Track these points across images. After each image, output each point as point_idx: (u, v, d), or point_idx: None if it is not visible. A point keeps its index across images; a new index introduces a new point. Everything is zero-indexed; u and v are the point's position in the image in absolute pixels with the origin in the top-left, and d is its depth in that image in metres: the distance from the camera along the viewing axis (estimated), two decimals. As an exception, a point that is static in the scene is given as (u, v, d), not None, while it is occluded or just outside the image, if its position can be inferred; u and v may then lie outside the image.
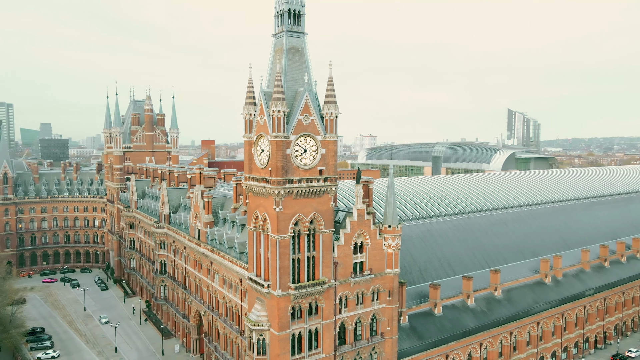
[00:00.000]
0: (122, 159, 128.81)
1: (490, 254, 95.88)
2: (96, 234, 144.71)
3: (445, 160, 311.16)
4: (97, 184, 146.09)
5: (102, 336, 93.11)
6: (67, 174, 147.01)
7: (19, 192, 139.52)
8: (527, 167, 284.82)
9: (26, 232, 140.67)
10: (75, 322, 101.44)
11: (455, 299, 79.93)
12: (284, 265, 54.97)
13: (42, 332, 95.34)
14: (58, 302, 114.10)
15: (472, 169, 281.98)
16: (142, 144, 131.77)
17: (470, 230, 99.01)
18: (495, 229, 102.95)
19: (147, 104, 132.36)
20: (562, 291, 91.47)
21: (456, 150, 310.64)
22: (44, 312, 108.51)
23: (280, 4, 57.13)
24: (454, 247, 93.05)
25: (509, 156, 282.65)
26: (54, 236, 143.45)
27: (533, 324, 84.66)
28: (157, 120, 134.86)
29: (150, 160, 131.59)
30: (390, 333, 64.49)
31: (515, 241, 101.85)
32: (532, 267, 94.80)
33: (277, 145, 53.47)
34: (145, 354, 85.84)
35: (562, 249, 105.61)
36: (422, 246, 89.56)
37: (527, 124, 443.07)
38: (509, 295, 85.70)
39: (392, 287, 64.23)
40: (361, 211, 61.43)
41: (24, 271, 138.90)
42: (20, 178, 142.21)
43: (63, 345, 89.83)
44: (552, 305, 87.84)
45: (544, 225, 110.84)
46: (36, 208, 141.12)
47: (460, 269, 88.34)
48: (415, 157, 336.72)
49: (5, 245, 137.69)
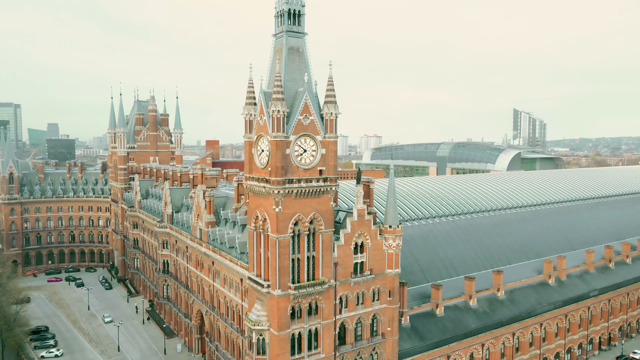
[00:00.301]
0: (126, 159, 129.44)
1: (494, 255, 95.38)
2: (101, 234, 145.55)
3: (450, 161, 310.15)
4: (101, 184, 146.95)
5: (106, 335, 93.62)
6: (72, 174, 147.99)
7: (25, 191, 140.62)
8: (532, 167, 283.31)
9: (32, 232, 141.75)
10: (79, 321, 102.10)
11: (458, 300, 79.58)
12: (283, 265, 54.99)
13: (46, 330, 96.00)
14: (62, 301, 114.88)
15: (477, 169, 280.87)
16: (146, 144, 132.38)
17: (473, 231, 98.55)
18: (499, 229, 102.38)
19: (151, 104, 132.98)
20: (565, 292, 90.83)
21: (461, 151, 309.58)
22: (48, 311, 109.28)
23: (280, 4, 57.16)
24: (456, 247, 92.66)
25: (515, 156, 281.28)
26: (59, 236, 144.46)
27: (536, 325, 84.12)
28: (161, 121, 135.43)
29: (154, 160, 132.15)
30: (391, 333, 64.32)
31: (518, 242, 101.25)
32: (536, 267, 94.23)
33: (277, 145, 53.49)
34: (147, 353, 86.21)
35: (566, 249, 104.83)
36: (424, 246, 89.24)
37: (533, 124, 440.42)
38: (512, 296, 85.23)
39: (392, 288, 64.06)
40: (361, 211, 61.32)
41: (29, 270, 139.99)
42: (26, 178, 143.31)
43: (67, 344, 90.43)
44: (555, 306, 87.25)
45: (548, 226, 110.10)
46: (41, 208, 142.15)
47: (463, 270, 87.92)
48: (420, 157, 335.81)
49: (11, 244, 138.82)
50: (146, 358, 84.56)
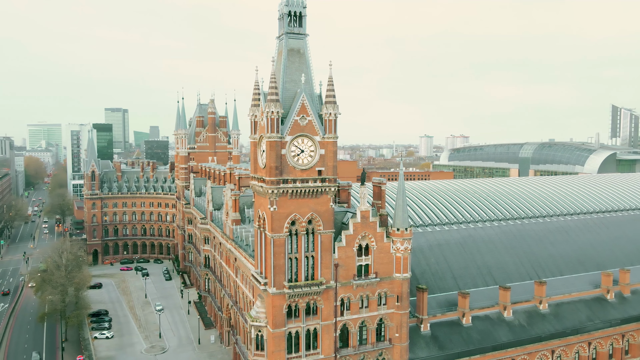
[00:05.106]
0: (187, 159, 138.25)
1: (542, 264, 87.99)
2: (168, 228, 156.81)
3: (534, 162, 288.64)
4: (169, 182, 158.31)
5: (154, 322, 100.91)
6: (145, 172, 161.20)
7: (104, 188, 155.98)
8: (631, 169, 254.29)
9: (110, 224, 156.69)
10: (135, 307, 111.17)
11: (490, 310, 74.94)
12: (278, 264, 55.72)
13: (106, 314, 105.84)
14: (127, 289, 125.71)
15: (563, 172, 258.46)
16: (205, 144, 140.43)
17: (521, 237, 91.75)
18: (553, 237, 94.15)
19: (210, 107, 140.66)
20: (627, 309, 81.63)
21: (546, 151, 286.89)
22: (113, 296, 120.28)
23: (281, 7, 57.98)
24: (498, 254, 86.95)
25: (608, 157, 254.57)
26: (133, 229, 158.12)
27: (583, 344, 76.46)
28: (220, 122, 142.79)
29: (212, 160, 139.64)
30: (399, 340, 62.29)
31: (576, 251, 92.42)
32: (593, 281, 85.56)
33: (271, 145, 54.37)
34: (184, 342, 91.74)
35: (636, 262, 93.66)
36: (460, 252, 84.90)
37: (636, 122, 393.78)
38: (558, 310, 78.33)
39: (401, 292, 61.98)
40: (365, 213, 60.11)
41: (107, 259, 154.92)
42: (106, 176, 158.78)
43: (119, 327, 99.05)
44: (611, 324, 78.65)
45: (617, 235, 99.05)
46: (118, 203, 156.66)
47: (502, 279, 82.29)
48: (500, 159, 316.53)
49: (93, 235, 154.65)
50: (182, 346, 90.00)
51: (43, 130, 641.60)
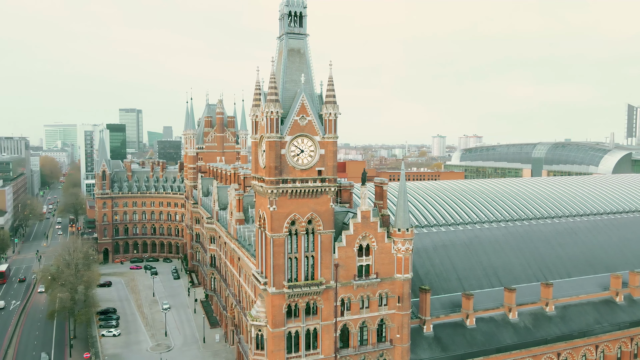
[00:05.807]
0: (195, 159, 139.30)
1: (549, 266, 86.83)
2: (177, 228, 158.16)
3: (547, 162, 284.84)
4: (178, 182, 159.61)
5: (160, 321, 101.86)
6: (155, 172, 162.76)
7: (115, 187, 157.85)
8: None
9: (120, 223, 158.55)
10: (143, 305, 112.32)
11: (494, 312, 74.17)
12: (278, 264, 55.83)
13: (114, 312, 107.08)
14: (136, 287, 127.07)
15: (577, 172, 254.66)
16: (214, 144, 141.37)
17: (528, 239, 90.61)
18: (561, 238, 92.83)
19: (219, 107, 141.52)
20: (636, 312, 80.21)
21: (559, 151, 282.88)
22: (122, 295, 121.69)
23: (282, 7, 58.09)
24: (504, 255, 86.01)
25: (623, 157, 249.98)
26: (143, 228, 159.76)
27: (590, 347, 75.28)
28: (228, 122, 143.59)
29: (220, 160, 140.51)
30: (401, 341, 61.96)
31: (585, 253, 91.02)
32: (601, 283, 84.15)
33: (271, 145, 54.51)
34: (189, 340, 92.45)
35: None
36: (465, 253, 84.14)
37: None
38: (564, 312, 77.24)
39: (402, 293, 61.65)
40: (366, 213, 59.93)
41: (117, 258, 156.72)
42: (117, 175, 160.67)
43: (126, 325, 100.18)
44: (619, 327, 77.30)
45: (627, 237, 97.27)
46: (128, 202, 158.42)
47: (507, 280, 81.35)
48: (513, 159, 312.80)
49: (104, 234, 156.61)
50: (187, 344, 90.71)
51: (59, 131, 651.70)
